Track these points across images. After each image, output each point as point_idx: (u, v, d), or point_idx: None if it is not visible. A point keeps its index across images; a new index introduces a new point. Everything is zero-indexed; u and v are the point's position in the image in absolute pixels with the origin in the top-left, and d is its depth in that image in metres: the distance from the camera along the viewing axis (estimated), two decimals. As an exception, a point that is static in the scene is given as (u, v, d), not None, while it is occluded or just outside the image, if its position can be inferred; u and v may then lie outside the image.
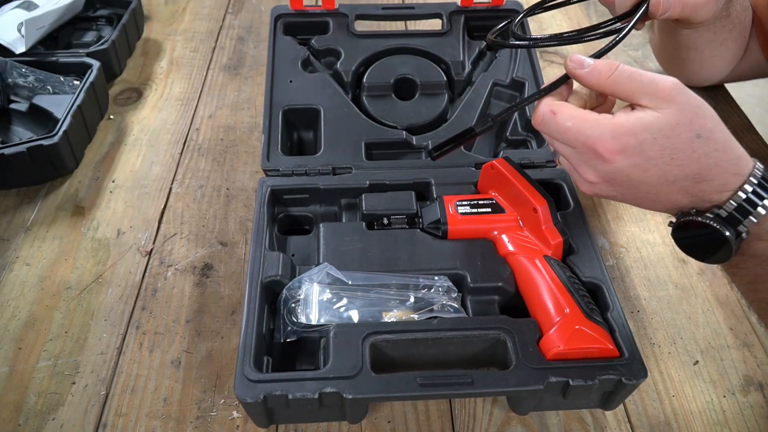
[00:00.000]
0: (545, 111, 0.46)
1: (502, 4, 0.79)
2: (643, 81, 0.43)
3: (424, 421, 0.54)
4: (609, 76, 0.44)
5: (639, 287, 0.65)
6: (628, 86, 0.43)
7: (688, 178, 0.44)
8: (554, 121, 0.45)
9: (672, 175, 0.44)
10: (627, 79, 0.43)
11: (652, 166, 0.44)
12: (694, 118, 0.42)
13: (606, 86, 0.44)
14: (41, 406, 0.55)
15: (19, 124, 0.79)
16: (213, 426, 0.54)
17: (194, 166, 0.78)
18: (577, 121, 0.44)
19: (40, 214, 0.72)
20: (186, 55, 0.97)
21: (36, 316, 0.62)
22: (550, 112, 0.45)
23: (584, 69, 0.45)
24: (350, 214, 0.65)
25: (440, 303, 0.54)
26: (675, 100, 0.42)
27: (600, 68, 0.44)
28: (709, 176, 0.44)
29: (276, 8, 0.79)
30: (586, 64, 0.45)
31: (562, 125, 0.45)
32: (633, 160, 0.43)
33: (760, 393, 0.57)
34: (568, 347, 0.49)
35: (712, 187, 0.44)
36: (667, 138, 0.42)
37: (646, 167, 0.44)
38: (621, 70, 0.44)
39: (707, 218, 0.45)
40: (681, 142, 0.42)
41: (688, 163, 0.43)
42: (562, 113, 0.45)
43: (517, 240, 0.58)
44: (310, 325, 0.53)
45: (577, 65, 0.45)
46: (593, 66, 0.45)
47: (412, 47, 0.77)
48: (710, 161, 0.43)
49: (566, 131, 0.45)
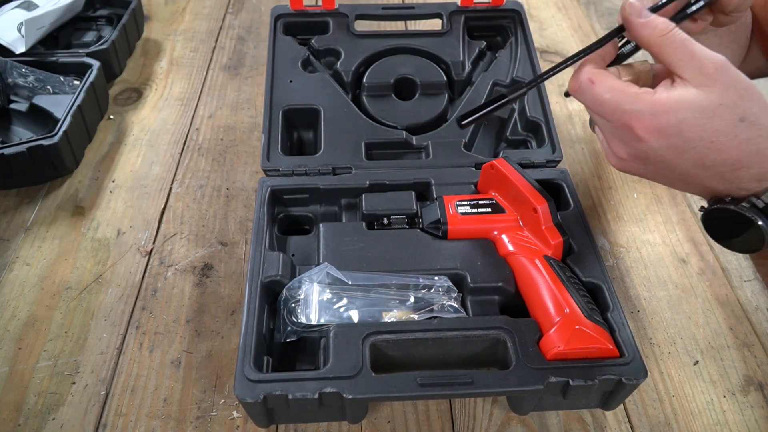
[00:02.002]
0: (584, 78, 0.43)
1: (502, 4, 0.80)
2: (694, 52, 0.40)
3: (424, 421, 0.54)
4: (663, 35, 0.40)
5: (639, 287, 0.65)
6: (677, 52, 0.40)
7: (726, 164, 0.41)
8: (592, 91, 0.42)
9: (709, 160, 0.41)
10: (679, 44, 0.40)
11: (689, 149, 0.41)
12: (739, 100, 0.39)
13: (655, 44, 0.41)
14: (41, 406, 0.55)
15: (19, 124, 0.79)
16: (213, 426, 0.54)
17: (194, 166, 0.78)
18: (616, 93, 0.42)
19: (40, 214, 0.72)
20: (186, 55, 0.97)
21: (36, 316, 0.62)
22: (589, 81, 0.43)
23: (641, 18, 0.41)
24: (350, 214, 0.65)
25: (440, 303, 0.54)
26: (720, 78, 0.39)
27: (656, 23, 0.41)
28: (748, 163, 0.41)
29: (276, 8, 0.79)
30: (644, 14, 0.41)
31: (600, 96, 0.42)
32: (670, 141, 0.41)
33: (760, 393, 0.57)
34: (568, 347, 0.49)
35: (751, 175, 0.42)
36: (708, 119, 0.40)
37: (682, 149, 0.41)
38: (676, 32, 0.40)
39: (743, 208, 0.42)
40: (723, 125, 0.40)
41: (728, 148, 0.40)
42: (602, 83, 0.42)
43: (517, 240, 0.58)
44: (310, 325, 0.53)
45: (634, 12, 0.42)
46: (650, 19, 0.41)
47: (412, 47, 0.77)
48: (752, 148, 0.40)
49: (604, 103, 0.42)
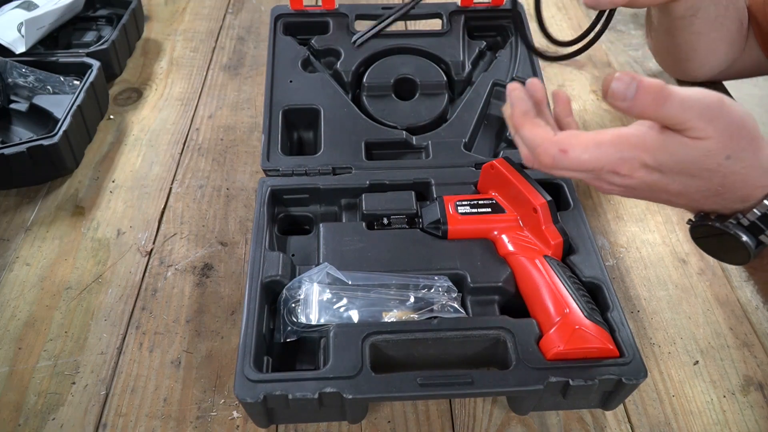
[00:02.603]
0: (554, 152, 0.41)
1: (502, 4, 0.80)
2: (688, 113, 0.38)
3: (424, 421, 0.54)
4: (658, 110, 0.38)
5: (639, 287, 0.65)
6: (673, 118, 0.38)
7: (710, 191, 0.42)
8: (568, 160, 0.41)
9: (693, 188, 0.42)
10: (675, 111, 0.38)
11: (672, 181, 0.42)
12: (729, 141, 0.39)
13: (651, 117, 0.39)
14: (41, 406, 0.55)
15: (19, 124, 0.79)
16: (213, 426, 0.54)
17: (194, 166, 0.78)
18: (593, 150, 0.40)
19: (40, 214, 0.72)
20: (186, 55, 0.97)
21: (36, 316, 0.62)
22: (560, 152, 0.41)
23: (626, 102, 0.38)
24: (350, 214, 0.65)
25: (440, 303, 0.54)
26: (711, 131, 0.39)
27: (648, 102, 0.38)
28: (732, 189, 0.42)
29: (276, 8, 0.79)
30: (628, 95, 0.38)
31: (578, 159, 0.41)
32: (654, 176, 0.41)
33: (760, 393, 0.57)
34: (568, 347, 0.49)
35: (735, 197, 0.43)
36: (691, 163, 0.40)
37: (666, 181, 0.42)
38: (671, 103, 0.38)
39: (727, 226, 0.44)
40: (706, 165, 0.40)
41: (711, 179, 0.41)
42: (574, 147, 0.41)
43: (517, 240, 0.58)
44: (310, 325, 0.53)
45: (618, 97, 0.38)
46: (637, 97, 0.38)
47: (412, 47, 0.77)
48: (735, 178, 0.41)
49: (584, 163, 0.41)
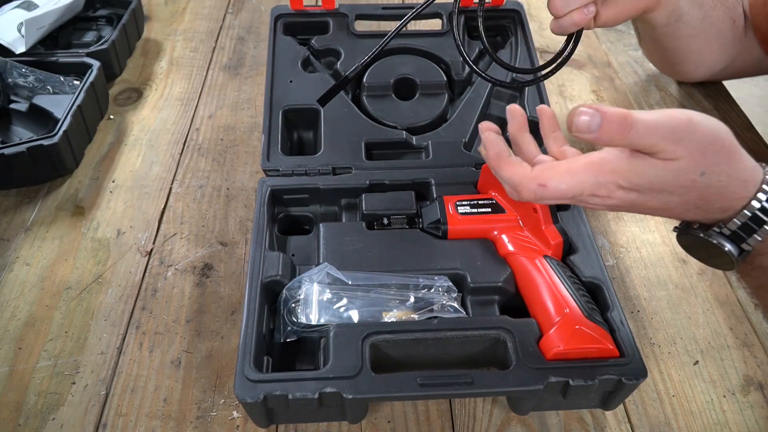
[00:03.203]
0: (534, 188, 0.44)
1: (502, 4, 0.80)
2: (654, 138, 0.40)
3: (424, 421, 0.54)
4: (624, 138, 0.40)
5: (639, 287, 0.65)
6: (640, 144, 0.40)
7: (689, 204, 0.44)
8: (548, 192, 0.43)
9: (673, 203, 0.44)
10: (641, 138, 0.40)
11: (652, 199, 0.43)
12: (701, 158, 0.41)
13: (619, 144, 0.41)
14: (41, 406, 0.55)
15: (19, 124, 0.79)
16: (213, 426, 0.54)
17: (194, 166, 0.78)
18: (570, 180, 0.42)
19: (40, 214, 0.72)
20: (186, 55, 0.97)
21: (36, 316, 0.62)
22: (539, 186, 0.43)
23: (592, 134, 0.40)
24: (350, 214, 0.65)
25: (440, 303, 0.54)
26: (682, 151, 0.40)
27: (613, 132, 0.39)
28: (711, 201, 0.43)
29: (276, 8, 0.79)
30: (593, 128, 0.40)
31: (557, 190, 0.43)
32: (632, 196, 0.43)
33: (760, 393, 0.57)
34: (568, 347, 0.49)
35: (715, 209, 0.44)
36: (665, 182, 0.42)
37: (645, 200, 0.43)
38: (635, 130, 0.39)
39: (710, 235, 0.44)
40: (681, 183, 0.42)
41: (689, 193, 0.43)
42: (551, 180, 0.43)
43: (517, 240, 0.58)
44: (310, 325, 0.53)
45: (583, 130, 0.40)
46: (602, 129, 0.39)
47: (412, 47, 0.77)
48: (712, 191, 0.42)
49: (564, 193, 0.43)
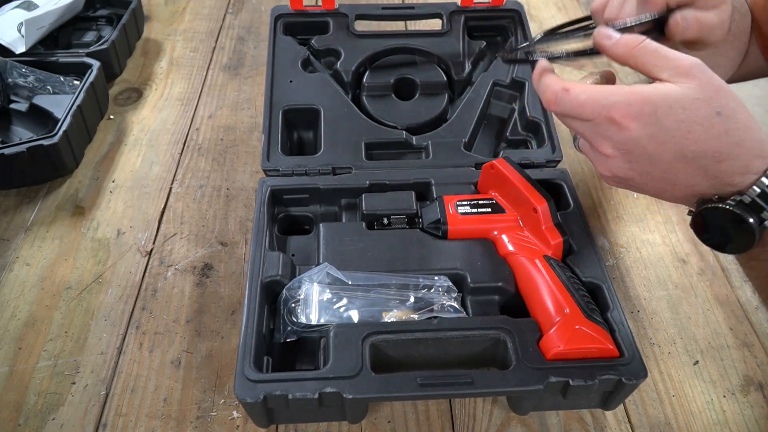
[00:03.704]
0: (557, 89, 0.46)
1: (502, 4, 0.80)
2: (667, 56, 0.43)
3: (424, 421, 0.54)
4: (634, 47, 0.45)
5: (639, 287, 0.65)
6: (651, 59, 0.44)
7: (707, 156, 0.43)
8: (567, 98, 0.45)
9: (690, 151, 0.43)
10: (651, 53, 0.44)
11: (668, 138, 0.43)
12: (715, 95, 0.42)
13: (630, 57, 0.45)
14: (41, 406, 0.55)
15: (19, 124, 0.79)
16: (213, 426, 0.54)
17: (194, 166, 0.78)
18: (591, 92, 0.44)
19: (40, 214, 0.72)
20: (186, 55, 0.97)
21: (36, 316, 0.62)
22: (563, 90, 0.46)
23: (611, 40, 0.46)
24: (350, 214, 0.65)
25: (440, 303, 0.54)
26: (696, 76, 0.42)
27: (626, 41, 0.45)
28: (729, 156, 0.42)
29: (276, 8, 0.79)
30: (613, 36, 0.46)
31: (576, 99, 0.45)
32: (649, 130, 0.43)
33: (760, 393, 0.57)
34: (568, 347, 0.49)
35: (734, 168, 0.43)
36: (683, 109, 0.42)
37: (662, 139, 0.43)
38: (646, 43, 0.44)
39: (729, 204, 0.44)
40: (699, 117, 0.42)
41: (707, 139, 0.42)
42: (575, 88, 0.45)
43: (517, 240, 0.58)
44: (310, 325, 0.53)
45: (604, 36, 0.47)
46: (620, 39, 0.46)
47: (412, 47, 0.77)
48: (731, 140, 0.42)
49: (581, 105, 0.45)
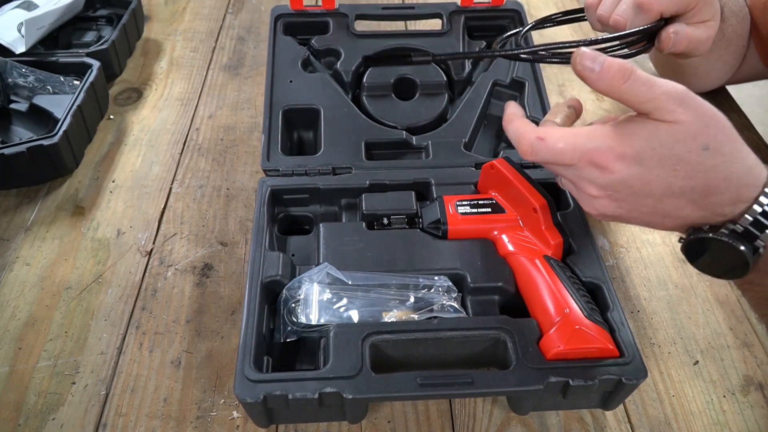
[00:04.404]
0: (531, 139, 0.43)
1: (502, 4, 0.80)
2: (654, 91, 0.40)
3: (424, 421, 0.54)
4: (623, 84, 0.40)
5: (639, 287, 0.65)
6: (638, 95, 0.40)
7: (696, 191, 0.41)
8: (545, 147, 0.43)
9: (677, 187, 0.41)
10: (640, 87, 0.40)
11: (654, 177, 0.41)
12: (703, 129, 0.40)
13: (615, 93, 0.41)
14: (41, 406, 0.55)
15: (19, 124, 0.79)
16: (213, 426, 0.54)
17: (194, 166, 0.78)
18: (569, 139, 0.42)
19: (40, 214, 0.72)
20: (186, 55, 0.97)
21: (36, 316, 0.62)
22: (537, 139, 0.43)
23: (594, 73, 0.41)
24: (350, 214, 0.65)
25: (440, 303, 0.54)
26: (681, 114, 0.40)
27: (613, 74, 0.40)
28: (718, 189, 0.41)
29: (276, 8, 0.79)
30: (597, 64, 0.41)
31: (554, 148, 0.43)
32: (633, 170, 0.41)
33: (760, 393, 0.57)
34: (568, 347, 0.49)
35: (724, 200, 0.42)
36: (668, 150, 0.40)
37: (647, 178, 0.41)
38: (635, 77, 0.40)
39: (722, 234, 0.42)
40: (685, 154, 0.40)
41: (694, 174, 0.40)
42: (550, 136, 0.43)
43: (517, 240, 0.58)
44: (310, 325, 0.53)
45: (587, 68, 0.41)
46: (604, 69, 0.41)
47: (412, 47, 0.77)
48: (719, 174, 0.40)
49: (560, 152, 0.43)
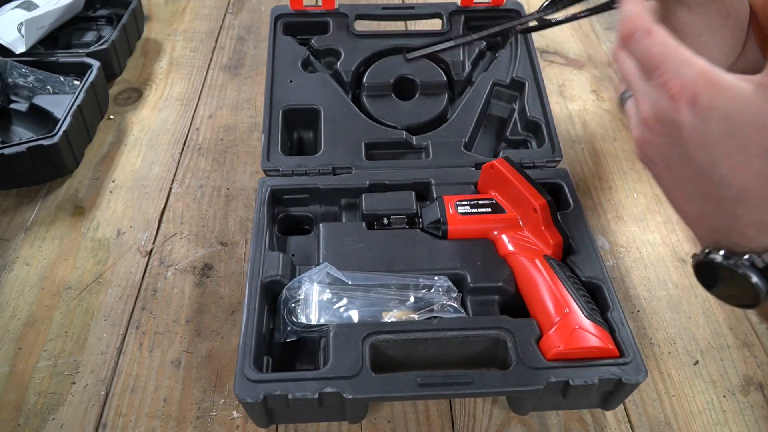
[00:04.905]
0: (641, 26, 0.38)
1: (502, 4, 0.80)
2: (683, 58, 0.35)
3: (424, 421, 0.54)
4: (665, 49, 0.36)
5: (639, 287, 0.65)
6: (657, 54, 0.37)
7: (732, 188, 0.36)
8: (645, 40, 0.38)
9: (717, 173, 0.36)
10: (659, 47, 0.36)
11: (705, 144, 0.36)
12: None
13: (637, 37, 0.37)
14: (41, 406, 0.55)
15: (19, 124, 0.79)
16: (213, 426, 0.54)
17: (194, 166, 0.78)
18: (669, 49, 0.37)
19: (40, 214, 0.72)
20: (186, 55, 0.97)
21: (36, 316, 0.62)
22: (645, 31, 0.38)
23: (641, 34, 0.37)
24: (350, 214, 0.65)
25: (440, 303, 0.54)
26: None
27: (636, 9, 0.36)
28: (754, 202, 0.35)
29: (276, 8, 0.79)
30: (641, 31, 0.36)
31: (651, 48, 0.38)
32: (693, 122, 0.35)
33: (760, 393, 0.57)
34: (568, 347, 0.49)
35: (752, 218, 0.36)
36: (741, 128, 0.34)
37: (699, 141, 0.36)
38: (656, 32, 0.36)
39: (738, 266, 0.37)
40: (750, 144, 0.34)
41: (741, 171, 0.35)
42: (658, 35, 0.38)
43: (517, 240, 0.58)
44: (310, 325, 0.53)
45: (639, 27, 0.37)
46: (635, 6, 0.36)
47: (412, 47, 0.77)
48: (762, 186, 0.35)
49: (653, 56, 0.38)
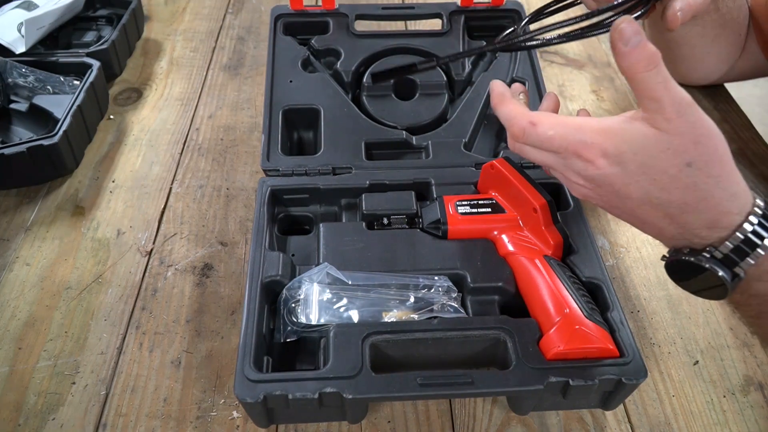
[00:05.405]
0: (524, 124, 0.44)
1: (502, 4, 0.80)
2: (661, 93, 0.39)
3: (424, 421, 0.54)
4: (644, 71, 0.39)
5: (639, 287, 0.65)
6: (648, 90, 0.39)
7: (672, 205, 0.41)
8: (535, 132, 0.44)
9: (654, 197, 0.42)
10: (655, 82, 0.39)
11: (632, 181, 0.41)
12: (692, 145, 0.39)
13: (631, 75, 0.40)
14: (41, 406, 0.55)
15: (19, 124, 0.79)
16: (213, 426, 0.54)
17: (194, 166, 0.78)
18: (559, 128, 0.43)
19: (40, 214, 0.72)
20: (186, 55, 0.97)
21: (36, 316, 0.62)
22: (530, 124, 0.44)
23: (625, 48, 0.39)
24: (350, 214, 0.65)
25: (440, 303, 0.54)
26: (677, 124, 0.39)
27: (641, 57, 0.39)
28: (695, 209, 0.41)
29: (276, 8, 0.79)
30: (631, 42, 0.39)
31: (544, 134, 0.43)
32: (614, 170, 0.41)
33: (760, 393, 0.57)
34: (568, 347, 0.49)
35: (700, 221, 0.42)
36: (650, 158, 0.40)
37: (626, 181, 0.42)
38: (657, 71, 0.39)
39: (701, 259, 0.43)
40: (666, 166, 0.40)
41: (672, 189, 0.41)
42: (542, 122, 0.44)
43: (517, 240, 0.58)
44: (310, 325, 0.53)
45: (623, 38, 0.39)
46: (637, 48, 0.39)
47: (412, 47, 0.77)
48: (698, 194, 0.41)
49: (549, 140, 0.43)
